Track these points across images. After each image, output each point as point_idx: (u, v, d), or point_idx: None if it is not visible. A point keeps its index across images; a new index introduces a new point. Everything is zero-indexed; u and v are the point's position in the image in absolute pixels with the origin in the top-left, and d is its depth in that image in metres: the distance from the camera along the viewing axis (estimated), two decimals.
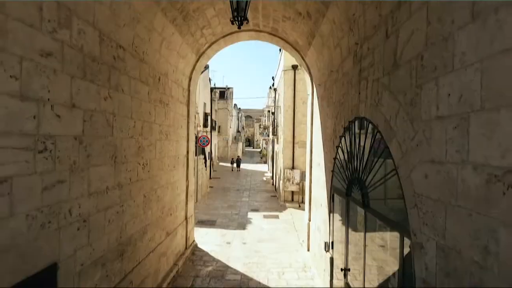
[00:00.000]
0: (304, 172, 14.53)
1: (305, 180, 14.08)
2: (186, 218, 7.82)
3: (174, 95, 6.63)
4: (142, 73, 4.86)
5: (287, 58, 13.94)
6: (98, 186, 3.60)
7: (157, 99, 5.58)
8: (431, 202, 2.16)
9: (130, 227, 4.59)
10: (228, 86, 42.14)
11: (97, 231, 3.62)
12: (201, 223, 10.79)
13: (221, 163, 34.40)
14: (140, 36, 4.66)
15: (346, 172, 4.45)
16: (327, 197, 5.82)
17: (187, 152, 7.85)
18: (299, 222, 11.18)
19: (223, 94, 40.69)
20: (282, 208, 13.59)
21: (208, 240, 9.08)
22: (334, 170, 5.32)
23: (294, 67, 13.77)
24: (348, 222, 4.44)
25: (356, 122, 4.15)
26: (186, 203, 7.84)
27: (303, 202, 14.07)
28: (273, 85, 22.37)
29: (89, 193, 3.42)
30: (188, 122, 7.85)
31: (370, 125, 3.55)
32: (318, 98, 7.23)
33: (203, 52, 7.82)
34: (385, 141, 3.04)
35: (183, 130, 7.50)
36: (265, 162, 35.68)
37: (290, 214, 12.62)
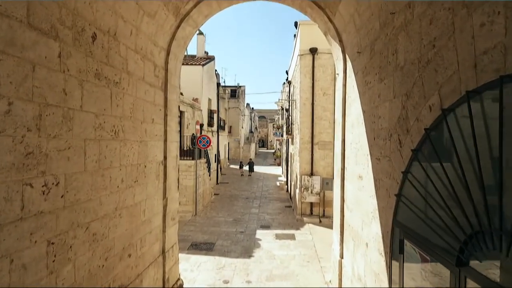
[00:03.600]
0: (325, 179, 11.96)
1: (327, 190, 11.53)
2: (163, 252, 5.48)
3: (134, 72, 4.31)
4: (35, 14, 2.53)
5: (304, 40, 11.45)
6: None
7: (88, 69, 3.26)
8: None
9: None
10: (240, 85, 40.00)
11: None
12: (195, 247, 8.42)
13: (232, 166, 32.05)
14: None
15: (457, 213, 1.96)
16: (384, 238, 3.34)
17: (165, 157, 5.52)
18: (321, 245, 8.67)
19: (235, 92, 38.61)
20: (299, 224, 11.08)
21: (199, 276, 6.70)
22: (402, 195, 2.85)
23: (313, 51, 11.24)
24: None
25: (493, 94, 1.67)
26: (164, 230, 5.50)
27: (324, 216, 11.52)
28: (287, 79, 19.89)
29: None
30: (166, 115, 5.52)
31: None
32: (355, 74, 4.75)
33: (187, 14, 5.47)
34: None
35: (157, 126, 5.17)
36: (279, 164, 33.07)
37: (310, 232, 10.11)
